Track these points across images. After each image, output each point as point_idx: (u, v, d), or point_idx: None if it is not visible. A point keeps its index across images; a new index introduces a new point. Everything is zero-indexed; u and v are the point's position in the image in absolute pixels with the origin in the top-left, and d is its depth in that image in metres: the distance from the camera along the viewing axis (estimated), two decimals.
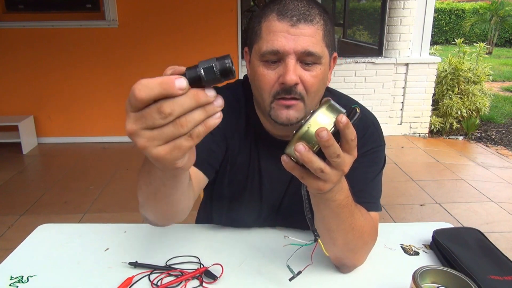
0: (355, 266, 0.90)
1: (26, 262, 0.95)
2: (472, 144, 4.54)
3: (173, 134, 0.44)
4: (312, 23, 0.78)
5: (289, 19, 0.77)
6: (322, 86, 0.84)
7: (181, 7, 4.09)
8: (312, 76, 0.80)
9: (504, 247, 2.07)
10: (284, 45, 0.77)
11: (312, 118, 0.57)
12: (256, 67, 0.82)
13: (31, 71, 4.22)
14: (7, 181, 3.46)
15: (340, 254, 0.84)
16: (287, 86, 0.78)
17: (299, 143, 0.56)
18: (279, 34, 0.77)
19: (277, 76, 0.79)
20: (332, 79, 0.91)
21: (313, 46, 0.77)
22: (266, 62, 0.80)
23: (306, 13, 0.78)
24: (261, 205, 1.01)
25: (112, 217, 2.82)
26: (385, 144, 0.96)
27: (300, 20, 0.77)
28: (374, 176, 0.93)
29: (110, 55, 4.22)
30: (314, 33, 0.78)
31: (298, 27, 0.77)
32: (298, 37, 0.76)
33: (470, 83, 4.60)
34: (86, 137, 4.44)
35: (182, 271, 0.90)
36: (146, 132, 0.44)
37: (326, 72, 0.84)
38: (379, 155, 0.94)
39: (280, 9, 0.78)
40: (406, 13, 4.35)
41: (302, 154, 0.56)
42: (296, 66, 0.78)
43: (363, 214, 0.80)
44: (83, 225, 1.16)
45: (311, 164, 0.56)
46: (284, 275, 0.90)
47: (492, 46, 12.64)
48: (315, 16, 0.79)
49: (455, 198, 3.14)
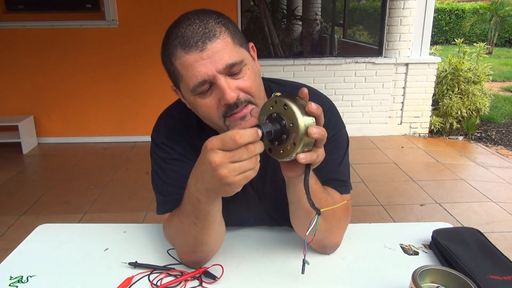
0: (336, 244, 0.97)
1: (26, 262, 0.95)
2: (472, 144, 4.54)
3: (246, 168, 0.65)
4: (216, 37, 0.77)
5: (195, 47, 0.76)
6: (258, 80, 0.84)
7: (181, 7, 4.07)
8: (245, 80, 0.80)
9: (504, 247, 2.07)
10: (206, 72, 0.76)
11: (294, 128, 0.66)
12: (193, 101, 0.82)
13: (31, 71, 4.22)
14: (7, 181, 3.46)
15: (320, 235, 0.87)
16: (231, 104, 0.78)
17: (298, 155, 0.68)
18: (195, 64, 0.76)
19: (217, 99, 0.79)
20: (332, 79, 0.91)
21: (231, 57, 0.77)
22: (200, 93, 0.80)
23: (205, 32, 0.77)
24: (248, 206, 1.02)
25: (112, 217, 2.83)
26: (344, 126, 0.98)
27: (204, 42, 0.76)
28: (340, 160, 0.96)
29: (110, 55, 4.22)
30: (224, 45, 0.77)
31: (207, 49, 0.76)
32: (213, 57, 0.76)
33: (470, 83, 4.60)
34: (86, 137, 4.44)
35: (182, 271, 0.90)
36: (230, 165, 0.64)
37: (254, 67, 0.84)
38: (340, 139, 0.96)
39: (182, 42, 0.77)
40: (406, 13, 4.35)
41: (307, 158, 0.68)
42: (228, 82, 0.78)
43: (331, 194, 0.89)
44: (83, 225, 1.17)
45: (317, 156, 0.70)
46: (283, 275, 0.90)
47: (492, 46, 12.63)
48: (214, 29, 0.77)
49: (455, 198, 3.14)
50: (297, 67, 4.37)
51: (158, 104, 4.90)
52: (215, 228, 0.84)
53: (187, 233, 0.84)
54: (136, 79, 4.30)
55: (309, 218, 0.74)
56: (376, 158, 4.00)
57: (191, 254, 0.89)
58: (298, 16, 6.33)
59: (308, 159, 0.68)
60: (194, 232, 0.83)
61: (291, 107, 0.66)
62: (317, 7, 6.96)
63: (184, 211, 0.82)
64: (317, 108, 0.67)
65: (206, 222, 0.81)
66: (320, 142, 0.69)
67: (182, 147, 0.94)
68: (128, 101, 4.38)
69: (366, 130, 4.56)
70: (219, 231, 0.87)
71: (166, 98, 4.30)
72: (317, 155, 0.70)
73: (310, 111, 0.66)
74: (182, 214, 0.83)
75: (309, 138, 0.66)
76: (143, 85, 4.31)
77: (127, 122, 4.44)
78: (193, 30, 0.77)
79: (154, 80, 4.29)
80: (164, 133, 0.95)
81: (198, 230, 0.82)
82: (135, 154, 4.07)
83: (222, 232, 0.89)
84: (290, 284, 0.87)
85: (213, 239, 0.86)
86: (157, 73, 4.40)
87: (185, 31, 0.77)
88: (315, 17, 6.64)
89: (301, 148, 0.67)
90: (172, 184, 0.91)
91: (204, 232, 0.83)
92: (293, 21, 6.20)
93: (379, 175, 3.58)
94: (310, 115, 0.67)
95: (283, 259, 0.96)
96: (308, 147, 0.68)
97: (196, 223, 0.81)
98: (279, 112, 0.68)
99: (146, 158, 1.01)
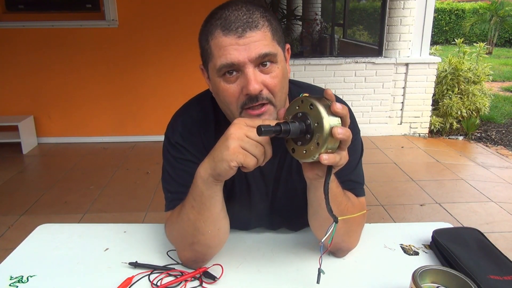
0: (349, 249, 0.97)
1: (26, 262, 0.95)
2: (472, 144, 4.54)
3: (253, 151, 0.72)
4: (258, 28, 0.78)
5: (235, 32, 0.77)
6: (284, 82, 0.85)
7: (181, 7, 4.09)
8: (273, 78, 0.80)
9: (504, 247, 2.07)
10: (237, 57, 0.77)
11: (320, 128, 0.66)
12: (217, 83, 0.82)
13: (31, 71, 4.22)
14: (7, 181, 3.46)
15: (338, 238, 0.89)
16: (252, 95, 0.79)
17: (321, 155, 0.67)
18: (229, 47, 0.77)
19: (240, 88, 0.79)
20: (332, 79, 0.92)
21: (266, 47, 0.78)
22: (225, 76, 0.80)
23: (249, 21, 0.77)
24: (250, 209, 1.01)
25: (112, 217, 2.83)
26: (359, 130, 0.99)
27: (245, 29, 0.77)
28: (356, 163, 0.97)
29: (110, 55, 4.22)
30: (262, 37, 0.78)
31: (245, 36, 0.77)
32: (248, 45, 0.77)
33: (470, 83, 4.60)
34: (86, 137, 4.44)
35: (182, 271, 0.90)
36: (242, 141, 0.72)
37: (284, 68, 0.84)
38: (356, 143, 0.97)
39: (223, 24, 0.78)
40: (406, 13, 4.35)
41: (330, 159, 0.67)
42: (255, 74, 0.78)
43: (350, 198, 0.90)
44: (83, 225, 1.17)
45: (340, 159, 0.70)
46: (283, 275, 0.90)
47: (492, 46, 12.63)
48: (258, 20, 0.78)
49: (455, 198, 3.14)
50: (297, 67, 4.36)
51: (158, 105, 4.91)
52: (212, 217, 0.84)
53: (187, 220, 0.84)
54: (136, 79, 4.30)
55: (328, 221, 0.73)
56: (376, 158, 4.00)
57: (190, 249, 0.88)
58: (298, 16, 6.33)
59: (331, 160, 0.67)
60: (193, 217, 0.83)
61: (317, 107, 0.66)
62: (317, 7, 6.96)
63: (186, 198, 0.84)
64: (342, 108, 0.67)
65: (203, 206, 0.81)
66: (344, 144, 0.69)
67: (196, 148, 0.94)
68: (128, 101, 4.38)
69: (366, 130, 4.56)
70: (218, 225, 0.86)
71: (166, 98, 4.30)
72: (340, 157, 0.69)
73: (335, 111, 0.66)
74: (185, 201, 0.85)
75: (334, 139, 0.66)
76: (143, 85, 4.31)
77: (127, 122, 4.44)
78: (237, 16, 0.78)
79: (154, 80, 4.29)
80: (180, 132, 0.95)
81: (196, 215, 0.83)
82: (135, 154, 4.06)
83: (221, 227, 0.88)
84: (290, 284, 0.87)
85: (211, 230, 0.85)
86: (158, 73, 4.41)
87: (229, 15, 0.78)
88: (315, 17, 6.65)
89: (325, 149, 0.66)
90: (182, 184, 0.91)
91: (202, 218, 0.83)
92: (293, 21, 6.20)
93: (379, 175, 3.58)
94: (336, 116, 0.67)
95: (283, 260, 0.96)
96: (332, 148, 0.68)
97: (194, 205, 0.82)
98: (304, 111, 0.68)
99: (146, 158, 1.01)
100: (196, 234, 0.85)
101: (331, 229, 0.71)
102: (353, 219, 0.87)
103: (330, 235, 0.72)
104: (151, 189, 3.21)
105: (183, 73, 4.18)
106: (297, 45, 6.03)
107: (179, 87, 4.19)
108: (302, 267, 0.92)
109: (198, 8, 4.06)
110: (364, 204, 0.98)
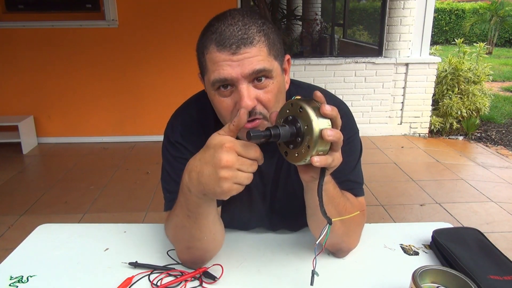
0: (350, 249, 0.97)
1: (26, 262, 0.95)
2: (472, 144, 4.54)
3: (243, 180, 0.70)
4: (253, 44, 0.76)
5: (229, 48, 0.75)
6: (280, 96, 0.83)
7: (181, 7, 4.09)
8: (267, 93, 0.79)
9: (504, 247, 2.07)
10: (230, 73, 0.76)
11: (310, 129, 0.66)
12: (212, 96, 0.82)
13: (31, 71, 4.22)
14: (7, 181, 3.46)
15: (338, 239, 0.90)
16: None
17: (313, 158, 0.66)
18: (223, 63, 0.76)
19: (234, 102, 0.79)
20: (332, 79, 0.91)
21: (260, 63, 0.77)
22: (219, 89, 0.80)
23: (244, 37, 0.76)
24: (250, 209, 1.01)
25: (112, 217, 2.83)
26: (358, 130, 0.98)
27: (239, 46, 0.75)
28: (355, 164, 0.97)
29: (110, 55, 4.22)
30: (257, 53, 0.76)
31: (239, 53, 0.75)
32: (242, 61, 0.75)
33: (470, 83, 4.60)
34: (86, 137, 4.44)
35: (182, 271, 0.90)
36: (236, 171, 0.68)
37: (280, 83, 0.83)
38: (355, 143, 0.96)
39: (218, 39, 0.76)
40: (406, 13, 4.34)
41: (321, 161, 0.67)
42: (249, 90, 0.77)
43: (349, 199, 0.90)
44: (83, 225, 1.16)
45: (332, 160, 0.69)
46: (283, 275, 0.90)
47: (492, 46, 12.62)
48: (254, 36, 0.76)
49: (455, 198, 3.14)
50: (297, 67, 4.36)
51: (158, 105, 4.92)
52: (208, 225, 0.83)
53: (182, 227, 0.84)
54: (136, 80, 4.30)
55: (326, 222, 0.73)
56: (376, 158, 4.00)
57: (187, 252, 0.89)
58: (298, 16, 6.34)
59: (323, 163, 0.67)
60: (188, 225, 0.82)
61: (306, 109, 0.66)
62: (317, 7, 6.96)
63: (179, 202, 0.82)
64: (331, 110, 0.66)
65: (199, 216, 0.80)
66: (336, 145, 0.68)
67: (195, 147, 0.93)
68: (128, 101, 4.38)
69: (366, 130, 4.56)
70: (214, 230, 0.86)
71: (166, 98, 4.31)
72: (333, 159, 0.68)
73: (324, 113, 0.65)
74: (177, 206, 0.83)
75: (324, 140, 0.65)
76: (143, 85, 4.31)
77: (127, 122, 4.44)
78: (232, 31, 0.76)
79: (154, 81, 4.29)
80: (180, 131, 0.94)
81: (191, 224, 0.82)
82: (135, 154, 4.06)
83: (217, 232, 0.88)
84: (290, 284, 0.87)
85: (207, 236, 0.85)
86: (158, 74, 4.41)
87: (224, 30, 0.76)
88: (315, 17, 6.65)
89: (316, 151, 0.66)
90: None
91: (197, 226, 0.82)
92: (293, 21, 6.21)
93: (379, 175, 3.58)
94: (326, 118, 0.66)
95: (283, 260, 0.96)
96: (324, 150, 0.67)
97: (190, 215, 0.80)
98: (294, 114, 0.68)
99: (146, 158, 1.01)
100: (191, 240, 0.86)
101: (325, 231, 0.71)
102: (352, 219, 0.86)
103: (324, 237, 0.71)
104: (151, 189, 3.21)
105: (183, 73, 4.17)
106: (297, 45, 6.03)
107: (179, 87, 4.19)
108: (302, 267, 0.92)
109: (198, 8, 4.06)
110: (364, 204, 0.98)
